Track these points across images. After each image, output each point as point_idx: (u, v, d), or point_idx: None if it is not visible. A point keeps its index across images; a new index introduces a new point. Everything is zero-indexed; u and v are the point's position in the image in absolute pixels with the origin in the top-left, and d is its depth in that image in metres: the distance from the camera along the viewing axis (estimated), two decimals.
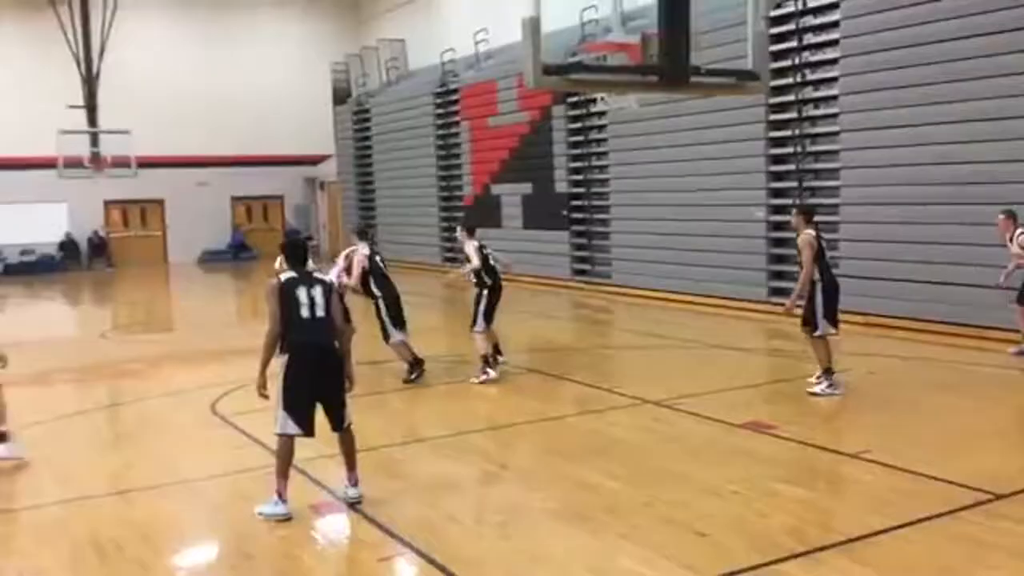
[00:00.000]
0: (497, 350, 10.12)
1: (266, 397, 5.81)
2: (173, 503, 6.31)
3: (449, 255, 22.93)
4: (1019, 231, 9.90)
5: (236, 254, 29.18)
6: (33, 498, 6.52)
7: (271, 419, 5.81)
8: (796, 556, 4.89)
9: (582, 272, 18.52)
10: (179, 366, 11.67)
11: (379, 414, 8.73)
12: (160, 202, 29.12)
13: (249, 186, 29.98)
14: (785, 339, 11.21)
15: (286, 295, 5.74)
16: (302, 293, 5.76)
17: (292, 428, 5.71)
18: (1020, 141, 10.72)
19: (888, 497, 5.82)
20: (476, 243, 9.91)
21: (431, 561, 5.03)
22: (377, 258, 9.91)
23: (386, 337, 9.83)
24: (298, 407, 5.71)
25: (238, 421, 7.98)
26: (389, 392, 9.40)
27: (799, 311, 8.70)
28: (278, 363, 5.75)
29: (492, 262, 9.89)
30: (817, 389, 8.48)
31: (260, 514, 5.71)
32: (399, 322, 9.78)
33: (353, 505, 5.89)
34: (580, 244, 18.60)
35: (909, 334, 11.53)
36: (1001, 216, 10.07)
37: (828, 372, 8.50)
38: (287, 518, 5.66)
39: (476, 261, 9.71)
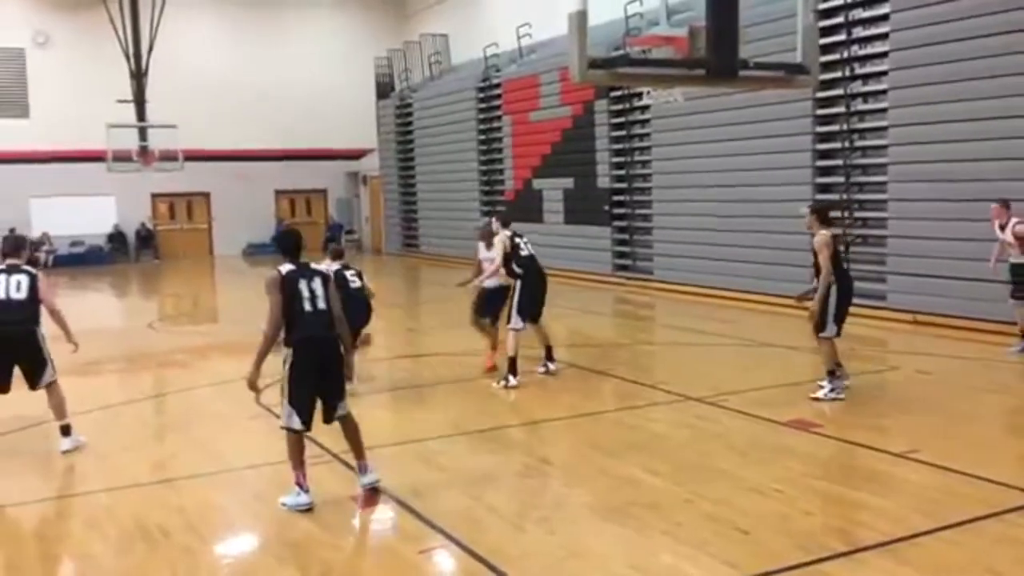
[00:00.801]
0: (549, 355, 9.57)
1: (258, 391, 5.84)
2: (218, 491, 6.41)
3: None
4: (1014, 220, 9.90)
5: None
6: (82, 486, 6.67)
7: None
8: (839, 556, 4.83)
9: (624, 268, 18.44)
10: (224, 356, 11.83)
11: (419, 407, 8.78)
12: (206, 195, 29.52)
13: (293, 180, 30.30)
14: None
15: (288, 288, 5.70)
16: (303, 286, 5.73)
17: (295, 422, 5.72)
18: None
19: (934, 497, 5.73)
20: (508, 233, 9.40)
21: (472, 554, 5.05)
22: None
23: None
24: (301, 401, 5.71)
25: (279, 411, 8.06)
26: (428, 385, 9.44)
27: (810, 304, 8.30)
28: (281, 357, 5.74)
29: (523, 252, 9.35)
30: (820, 394, 8.20)
31: (283, 505, 5.74)
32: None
33: (375, 491, 5.89)
34: (622, 239, 18.51)
35: (960, 332, 11.30)
36: (995, 205, 10.10)
37: (832, 374, 8.24)
38: (309, 508, 5.69)
39: (498, 257, 9.31)
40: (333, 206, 31.61)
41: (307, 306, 5.72)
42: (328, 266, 9.81)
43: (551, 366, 9.61)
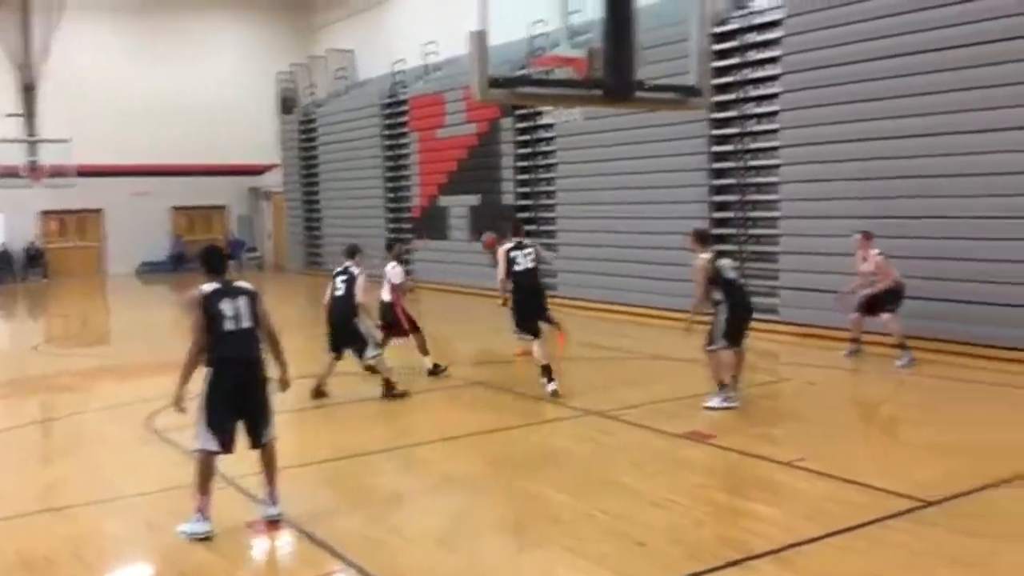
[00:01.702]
0: (547, 373, 9.34)
1: (183, 411, 5.65)
2: (108, 520, 6.18)
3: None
4: (875, 251, 10.49)
5: (176, 265, 28.69)
6: None
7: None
8: (731, 565, 4.96)
9: None
10: (115, 380, 11.43)
11: (320, 428, 8.66)
12: (99, 212, 28.54)
13: (191, 196, 29.53)
14: None
15: (209, 307, 5.57)
16: (226, 305, 5.60)
17: (213, 444, 5.55)
18: (953, 157, 11.06)
19: (821, 505, 5.94)
20: (508, 245, 9.68)
21: None
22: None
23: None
24: (220, 423, 5.55)
25: (174, 436, 7.83)
26: (332, 406, 9.32)
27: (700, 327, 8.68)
28: (201, 377, 5.59)
29: (516, 265, 9.52)
30: (713, 403, 8.48)
31: (182, 532, 5.54)
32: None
33: (275, 523, 5.75)
34: None
35: (843, 345, 11.76)
36: (858, 235, 10.67)
37: (722, 386, 8.52)
38: (209, 536, 5.52)
39: (500, 270, 9.56)
40: (233, 223, 30.96)
41: (229, 325, 5.57)
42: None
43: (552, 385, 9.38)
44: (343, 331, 9.39)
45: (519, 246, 9.71)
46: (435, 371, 10.47)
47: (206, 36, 29.29)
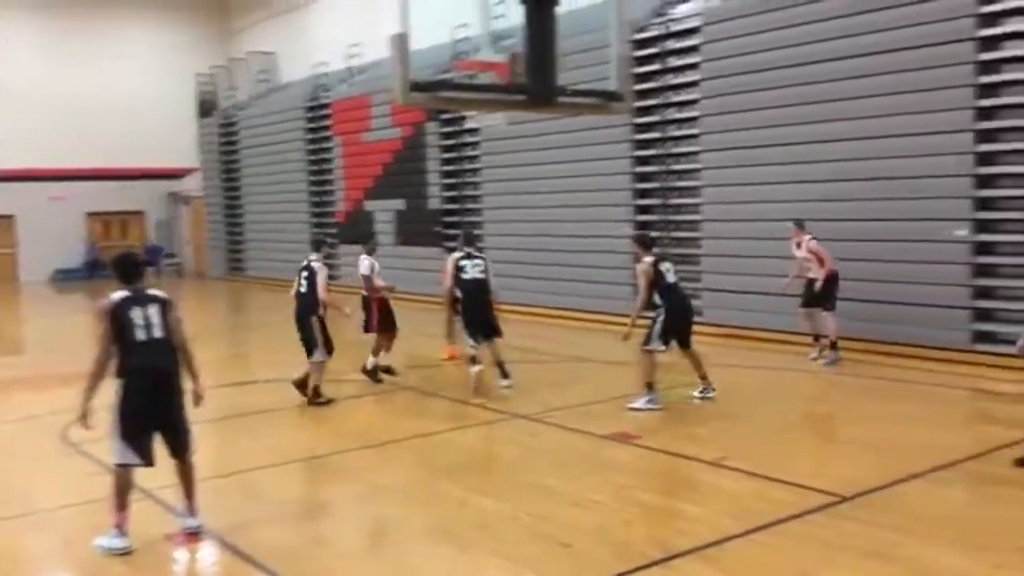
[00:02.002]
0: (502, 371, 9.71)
1: (88, 427, 5.39)
2: (23, 535, 5.96)
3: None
4: (807, 237, 10.85)
5: (92, 272, 27.82)
6: None
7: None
8: (655, 563, 5.04)
9: None
10: (30, 390, 11.04)
11: (243, 437, 8.51)
12: (10, 218, 27.52)
13: (107, 201, 28.67)
14: None
15: (119, 316, 5.38)
16: (137, 314, 5.41)
17: (132, 458, 5.39)
18: (868, 161, 11.40)
19: (744, 502, 6.08)
20: (457, 255, 9.86)
21: None
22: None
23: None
24: (136, 435, 5.39)
25: (90, 449, 7.59)
26: (253, 414, 9.16)
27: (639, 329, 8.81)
28: (113, 389, 5.41)
29: (464, 274, 9.71)
30: (638, 403, 8.60)
31: (98, 547, 5.38)
32: None
33: (195, 535, 5.62)
34: None
35: (768, 344, 12.07)
36: (791, 226, 11.04)
37: (649, 387, 8.66)
38: (127, 551, 5.37)
39: (447, 278, 9.84)
40: (151, 228, 30.18)
41: (140, 335, 5.39)
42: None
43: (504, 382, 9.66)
44: (301, 327, 9.29)
45: (468, 256, 9.82)
46: (372, 373, 10.34)
47: (123, 36, 28.50)
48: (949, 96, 10.62)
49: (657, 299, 8.77)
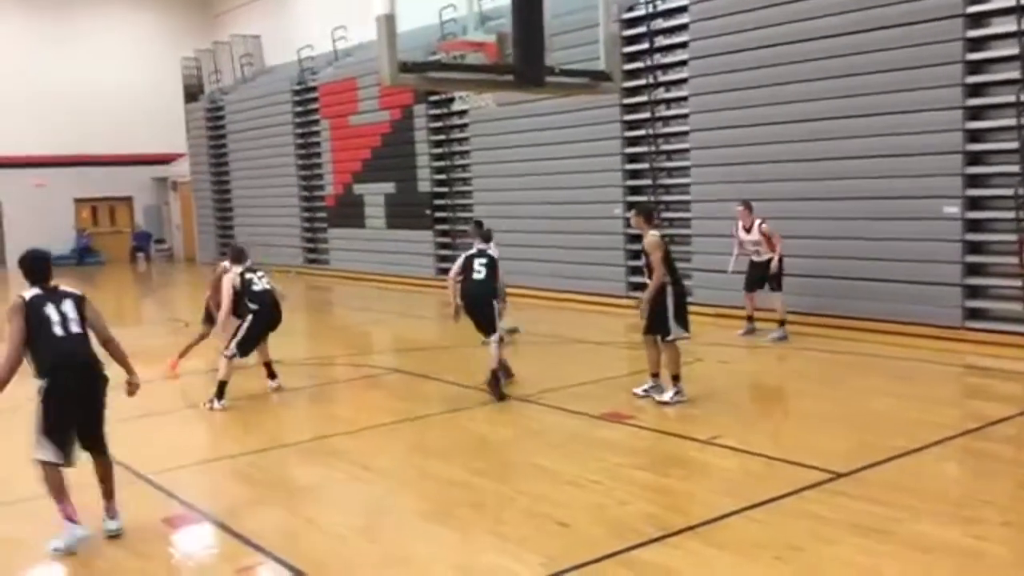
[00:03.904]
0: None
1: None
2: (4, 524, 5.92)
3: (313, 256, 22.52)
4: (758, 220, 10.93)
5: (81, 259, 27.68)
6: None
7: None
8: (653, 541, 5.05)
9: (446, 271, 18.42)
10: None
11: (236, 422, 8.48)
12: None
13: (95, 187, 28.51)
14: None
15: (33, 314, 5.27)
16: (51, 310, 5.31)
17: (53, 455, 5.26)
18: (858, 139, 11.39)
19: (738, 480, 6.10)
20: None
21: (292, 568, 4.92)
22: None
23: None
24: (59, 432, 5.27)
25: None
26: (243, 399, 9.12)
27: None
28: (35, 387, 5.27)
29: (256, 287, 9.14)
30: (666, 396, 8.10)
31: (56, 550, 5.24)
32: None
33: (117, 537, 5.44)
34: (444, 243, 18.59)
35: (757, 324, 12.08)
36: (739, 207, 11.10)
37: (676, 379, 8.13)
38: (85, 538, 5.28)
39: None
40: (140, 214, 30.02)
41: (58, 330, 5.29)
42: (485, 246, 9.30)
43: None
44: (482, 312, 8.96)
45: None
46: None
47: (108, 21, 28.28)
48: (939, 73, 10.61)
49: (665, 278, 8.07)
